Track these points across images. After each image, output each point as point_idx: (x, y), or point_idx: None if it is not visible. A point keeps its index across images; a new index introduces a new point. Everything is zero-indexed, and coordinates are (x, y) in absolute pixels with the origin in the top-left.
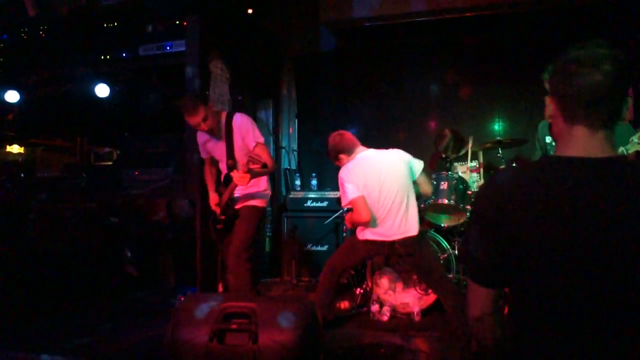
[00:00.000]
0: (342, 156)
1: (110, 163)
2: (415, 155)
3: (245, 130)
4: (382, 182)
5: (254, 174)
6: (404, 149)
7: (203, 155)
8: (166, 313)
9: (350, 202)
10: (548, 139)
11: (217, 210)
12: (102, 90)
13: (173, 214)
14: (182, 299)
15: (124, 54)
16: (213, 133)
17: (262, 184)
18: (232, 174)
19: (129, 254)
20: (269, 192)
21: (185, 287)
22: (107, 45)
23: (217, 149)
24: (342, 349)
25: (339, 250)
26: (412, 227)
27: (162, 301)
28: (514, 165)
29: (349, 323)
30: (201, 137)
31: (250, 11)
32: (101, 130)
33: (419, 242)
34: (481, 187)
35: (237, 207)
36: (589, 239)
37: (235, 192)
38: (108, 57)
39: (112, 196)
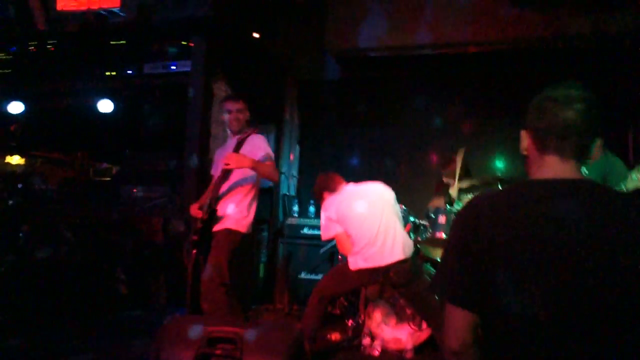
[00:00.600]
0: (325, 194)
1: (108, 179)
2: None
3: (258, 146)
4: (368, 208)
5: (253, 164)
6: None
7: (213, 171)
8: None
9: (332, 237)
10: None
11: (197, 214)
12: (105, 105)
13: (168, 233)
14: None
15: (129, 71)
16: (233, 127)
17: (245, 209)
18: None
19: (122, 274)
20: (250, 217)
21: (175, 307)
22: (113, 62)
23: (223, 156)
24: None
25: (328, 277)
26: (403, 250)
27: (152, 321)
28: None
29: (338, 355)
30: (218, 154)
31: (256, 35)
32: (101, 146)
33: (414, 272)
34: (463, 208)
35: (216, 229)
36: (565, 253)
37: (218, 211)
38: (113, 73)
39: (108, 212)
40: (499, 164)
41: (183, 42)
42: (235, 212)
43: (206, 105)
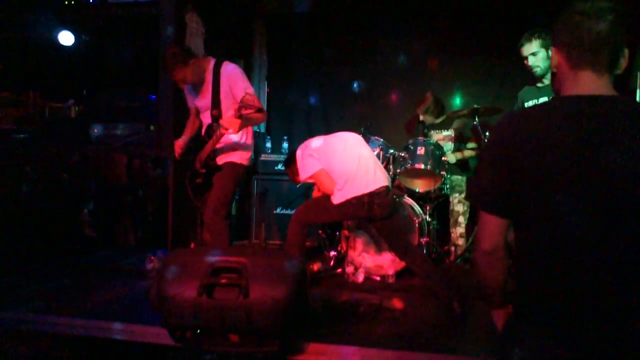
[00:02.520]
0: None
1: (65, 117)
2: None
3: (234, 80)
4: (345, 144)
5: (245, 120)
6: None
7: (190, 104)
8: (134, 272)
9: (311, 177)
10: (527, 105)
11: (179, 150)
12: (65, 38)
13: (132, 173)
14: (153, 258)
15: (90, 0)
16: (198, 83)
17: (246, 139)
18: (222, 119)
19: (86, 216)
20: (251, 150)
21: (145, 247)
22: None
23: (201, 98)
24: (321, 307)
25: (306, 207)
26: (386, 178)
27: (127, 260)
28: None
29: (323, 284)
30: (188, 87)
31: None
32: (61, 83)
33: (395, 206)
34: (497, 124)
35: (218, 163)
36: (602, 169)
37: (219, 144)
38: (73, 2)
39: (68, 153)
40: (466, 99)
41: None
42: (238, 145)
43: (180, 38)
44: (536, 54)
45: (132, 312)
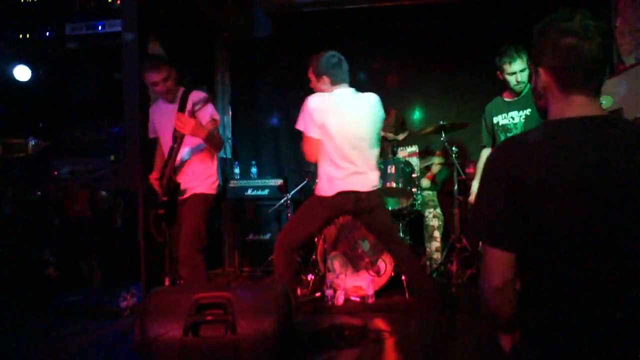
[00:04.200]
0: (325, 79)
1: (22, 155)
2: None
3: (202, 109)
4: (347, 124)
5: (209, 136)
6: None
7: (151, 134)
8: (108, 312)
9: (304, 137)
10: (495, 120)
11: (156, 184)
12: (21, 73)
13: (96, 208)
14: (128, 296)
15: (47, 33)
16: (167, 98)
17: (210, 170)
18: (177, 123)
19: (50, 255)
20: (217, 178)
21: (113, 284)
22: (27, 23)
23: (165, 122)
24: (306, 334)
25: (292, 223)
26: (376, 178)
27: (98, 301)
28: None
29: (305, 309)
30: (152, 113)
31: None
32: (17, 119)
33: (382, 197)
34: (494, 152)
35: (184, 197)
36: (603, 194)
37: (184, 176)
38: (28, 35)
39: (28, 191)
40: (427, 115)
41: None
42: (204, 175)
43: (143, 68)
44: (524, 71)
45: (113, 357)
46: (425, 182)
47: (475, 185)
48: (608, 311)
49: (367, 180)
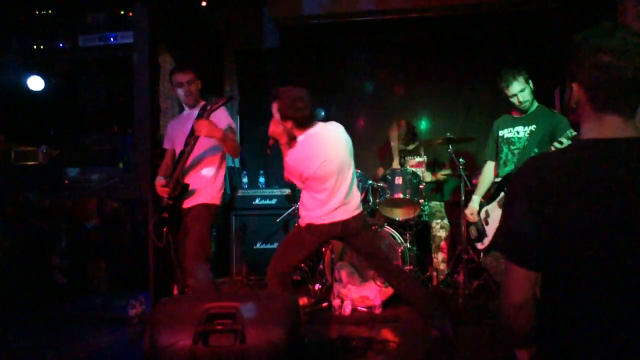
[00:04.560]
0: (290, 123)
1: (34, 163)
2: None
3: (219, 117)
4: (326, 161)
5: (224, 136)
6: None
7: (167, 145)
8: (116, 319)
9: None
10: (501, 133)
11: (164, 192)
12: (35, 83)
13: (104, 215)
14: (136, 304)
15: (60, 44)
16: (187, 101)
17: (217, 180)
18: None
19: (58, 261)
20: (223, 188)
21: (121, 291)
22: (41, 34)
23: (180, 130)
24: (313, 344)
25: (282, 251)
26: (358, 201)
27: (106, 308)
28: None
29: (312, 319)
30: (170, 127)
31: (204, 3)
32: (30, 128)
33: (365, 218)
34: (522, 169)
35: (188, 205)
36: (633, 220)
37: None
38: (42, 47)
39: (38, 199)
40: (434, 125)
41: (121, 12)
42: (209, 185)
43: (154, 79)
44: (524, 90)
45: None
46: (428, 178)
47: (475, 200)
48: (630, 335)
49: (352, 206)
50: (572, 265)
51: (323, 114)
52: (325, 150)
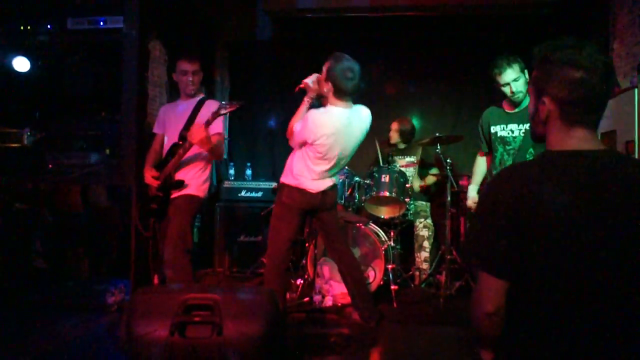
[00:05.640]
0: (330, 86)
1: (17, 145)
2: None
3: (217, 120)
4: (336, 143)
5: (212, 147)
6: None
7: (157, 129)
8: (94, 307)
9: (294, 133)
10: (493, 129)
11: (154, 183)
12: (21, 64)
13: (88, 202)
14: (115, 292)
15: (48, 26)
16: (187, 90)
17: (204, 173)
18: (190, 129)
19: (38, 245)
20: (208, 182)
21: (100, 279)
22: (29, 15)
23: (175, 120)
24: (292, 339)
25: (271, 235)
26: (335, 182)
27: (85, 295)
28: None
29: (292, 313)
30: (163, 112)
31: None
32: (14, 110)
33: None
34: (493, 180)
35: (173, 195)
36: (601, 229)
37: (177, 174)
38: (29, 27)
39: (21, 182)
40: (424, 124)
41: None
42: (195, 177)
43: (143, 65)
44: (518, 79)
45: (97, 354)
46: (416, 187)
47: (473, 189)
48: (599, 348)
49: (332, 180)
50: (543, 275)
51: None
52: (341, 134)
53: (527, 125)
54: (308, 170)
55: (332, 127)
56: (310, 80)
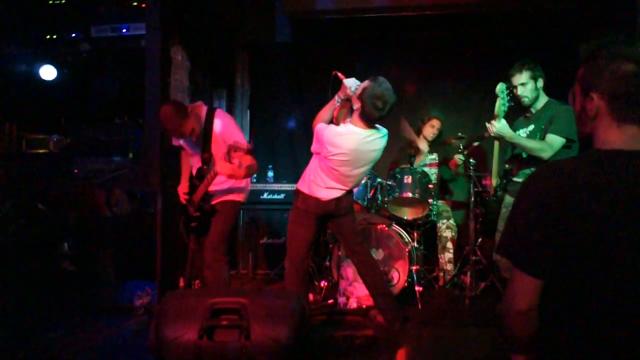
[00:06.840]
0: (359, 106)
1: (45, 151)
2: None
3: (227, 132)
4: (352, 165)
5: (239, 169)
6: None
7: (175, 142)
8: (121, 309)
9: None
10: (517, 133)
11: (185, 199)
12: (47, 72)
13: (111, 206)
14: (142, 295)
15: (73, 35)
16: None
17: (241, 180)
18: (216, 165)
19: (66, 248)
20: (249, 186)
21: (127, 282)
22: (54, 25)
23: (191, 142)
24: (317, 342)
25: (291, 237)
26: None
27: (113, 298)
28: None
29: (316, 316)
30: None
31: None
32: (41, 117)
33: (352, 204)
34: (536, 174)
35: (214, 202)
36: None
37: (213, 186)
38: (54, 37)
39: (47, 187)
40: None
41: (134, 3)
42: (236, 183)
43: (165, 71)
44: (525, 85)
45: (125, 355)
46: (447, 174)
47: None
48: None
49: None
50: (583, 276)
51: None
52: (356, 154)
53: (530, 127)
54: (321, 179)
55: (347, 149)
56: (349, 82)
